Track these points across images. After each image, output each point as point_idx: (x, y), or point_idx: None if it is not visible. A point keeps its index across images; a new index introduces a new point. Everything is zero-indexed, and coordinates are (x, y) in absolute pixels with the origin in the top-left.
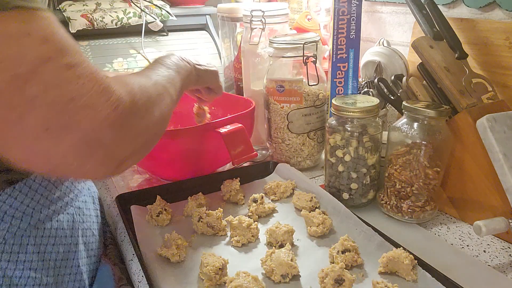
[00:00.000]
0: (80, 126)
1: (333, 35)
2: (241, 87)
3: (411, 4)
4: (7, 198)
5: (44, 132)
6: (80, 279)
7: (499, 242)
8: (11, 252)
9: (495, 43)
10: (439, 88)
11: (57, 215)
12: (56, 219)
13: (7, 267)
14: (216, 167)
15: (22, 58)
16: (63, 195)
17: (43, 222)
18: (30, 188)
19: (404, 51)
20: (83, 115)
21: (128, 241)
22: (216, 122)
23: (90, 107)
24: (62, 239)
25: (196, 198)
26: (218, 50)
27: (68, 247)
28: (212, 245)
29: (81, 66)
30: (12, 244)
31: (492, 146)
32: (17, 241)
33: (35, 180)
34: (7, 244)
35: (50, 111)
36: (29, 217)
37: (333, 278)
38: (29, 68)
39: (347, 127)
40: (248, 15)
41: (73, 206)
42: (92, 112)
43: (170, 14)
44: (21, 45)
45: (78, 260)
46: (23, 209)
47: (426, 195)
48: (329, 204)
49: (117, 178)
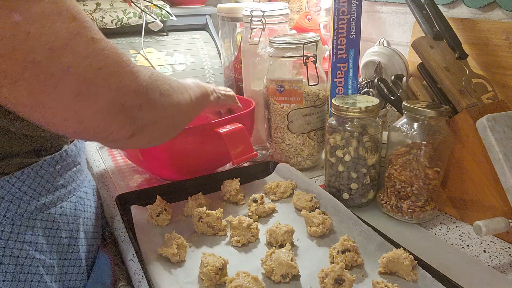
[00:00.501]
0: (108, 92)
1: (333, 35)
2: (241, 87)
3: (411, 4)
4: (16, 181)
5: (76, 97)
6: (80, 265)
7: (499, 242)
8: (19, 233)
9: (495, 43)
10: (439, 88)
11: (60, 202)
12: (60, 205)
13: (14, 247)
14: (216, 167)
15: (56, 33)
16: (66, 183)
17: (48, 207)
18: (37, 173)
19: (404, 51)
20: (110, 82)
21: (128, 241)
22: (216, 122)
23: (116, 75)
24: (65, 225)
25: (196, 198)
26: (218, 50)
27: (70, 233)
28: (212, 245)
29: (103, 40)
30: (20, 225)
31: (492, 146)
32: (24, 223)
33: (42, 167)
34: (15, 225)
35: (82, 78)
36: (35, 201)
37: (333, 278)
38: (63, 42)
39: (347, 127)
40: (248, 15)
41: (75, 195)
42: (118, 79)
43: (170, 14)
44: (54, 22)
45: (78, 246)
46: (30, 193)
47: (426, 195)
48: (329, 204)
49: (117, 178)
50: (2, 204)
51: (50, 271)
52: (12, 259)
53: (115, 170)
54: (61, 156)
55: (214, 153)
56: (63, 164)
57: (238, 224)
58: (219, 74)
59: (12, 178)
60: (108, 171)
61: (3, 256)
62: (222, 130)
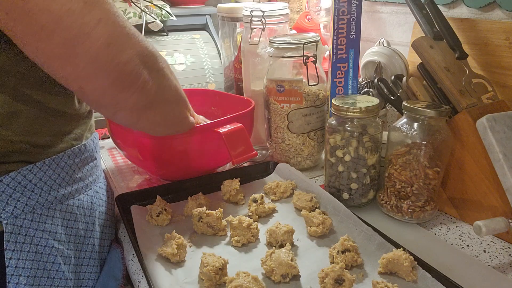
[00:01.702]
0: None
1: (333, 35)
2: (241, 87)
3: (411, 4)
4: (38, 171)
5: (107, 46)
6: (95, 257)
7: (499, 242)
8: (39, 222)
9: (495, 43)
10: (439, 88)
11: (78, 194)
12: (77, 198)
13: (35, 235)
14: (216, 167)
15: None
16: (84, 177)
17: (66, 198)
18: (58, 165)
19: (404, 51)
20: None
21: (128, 241)
22: (216, 122)
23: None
24: (82, 217)
25: (196, 198)
26: (218, 50)
27: (86, 226)
28: (212, 245)
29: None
30: (40, 214)
31: (492, 146)
32: (44, 212)
33: (62, 159)
34: (36, 214)
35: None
36: (55, 191)
37: (333, 278)
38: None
39: (347, 127)
40: (248, 15)
41: (92, 189)
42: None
43: (170, 14)
44: None
45: (94, 239)
46: (51, 183)
47: (426, 195)
48: (329, 204)
49: (117, 178)
50: (24, 193)
51: (68, 261)
52: (32, 247)
53: (115, 170)
54: (80, 150)
55: (214, 153)
56: (82, 158)
57: (238, 224)
58: (219, 74)
59: (34, 168)
60: (108, 171)
61: (23, 243)
62: (222, 130)
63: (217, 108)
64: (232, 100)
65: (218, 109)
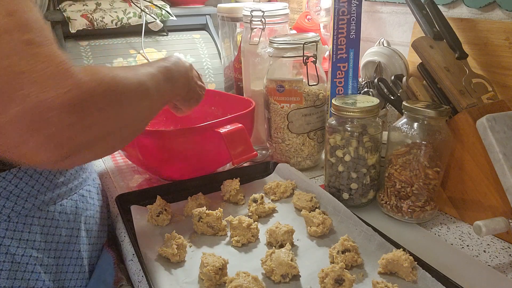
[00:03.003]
0: (26, 100)
1: (333, 35)
2: (241, 87)
3: (411, 4)
4: (13, 178)
5: None
6: (81, 264)
7: (499, 242)
8: (15, 231)
9: (495, 43)
10: (439, 88)
11: (60, 200)
12: (59, 203)
13: (11, 245)
14: (216, 167)
15: None
16: (67, 181)
17: (47, 205)
18: (35, 170)
19: (404, 51)
20: (30, 91)
21: (128, 241)
22: (216, 122)
23: (38, 84)
24: (65, 223)
25: (196, 198)
26: (218, 50)
27: (70, 232)
28: (212, 245)
29: (42, 46)
30: (16, 222)
31: (492, 146)
32: (21, 220)
33: None
34: (12, 223)
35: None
36: (33, 198)
37: (333, 278)
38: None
39: (347, 127)
40: (248, 15)
41: (77, 193)
42: (39, 90)
43: (170, 14)
44: None
45: (79, 245)
46: (28, 190)
47: (426, 195)
48: (329, 204)
49: (117, 178)
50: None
51: (49, 269)
52: (8, 256)
53: (115, 170)
54: None
55: (214, 153)
56: None
57: (238, 224)
58: (219, 74)
59: (9, 174)
60: (108, 171)
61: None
62: (222, 130)
63: (217, 108)
64: (232, 100)
65: (218, 109)
